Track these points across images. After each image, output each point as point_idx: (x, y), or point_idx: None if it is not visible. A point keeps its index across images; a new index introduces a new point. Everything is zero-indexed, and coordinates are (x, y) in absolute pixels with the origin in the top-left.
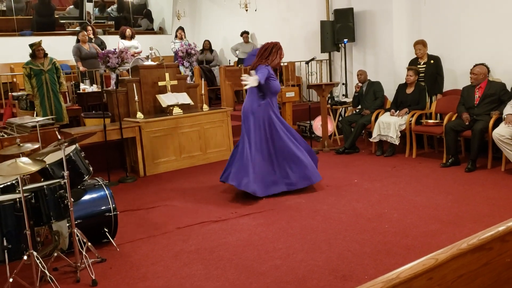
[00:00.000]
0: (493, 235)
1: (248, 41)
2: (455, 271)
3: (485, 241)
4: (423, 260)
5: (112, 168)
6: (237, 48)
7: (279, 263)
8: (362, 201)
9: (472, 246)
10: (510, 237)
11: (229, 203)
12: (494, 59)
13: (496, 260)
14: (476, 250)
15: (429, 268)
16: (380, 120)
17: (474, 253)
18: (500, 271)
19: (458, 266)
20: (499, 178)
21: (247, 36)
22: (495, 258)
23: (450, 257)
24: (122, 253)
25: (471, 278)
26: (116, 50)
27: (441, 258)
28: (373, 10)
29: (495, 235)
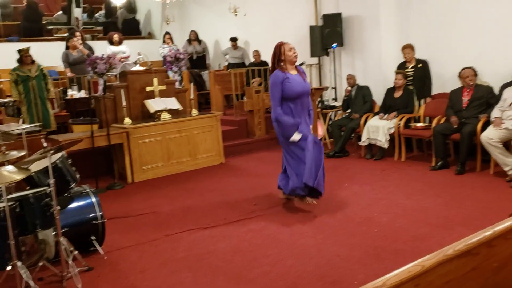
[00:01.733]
0: (479, 240)
1: (236, 48)
2: (442, 277)
3: (472, 247)
4: (409, 267)
5: (100, 175)
6: (226, 52)
7: (268, 269)
8: (352, 205)
9: (458, 251)
10: (497, 242)
11: (218, 209)
12: (482, 63)
13: (483, 265)
14: (463, 256)
15: (415, 275)
16: (369, 124)
17: (460, 259)
18: (488, 276)
19: (444, 272)
20: (488, 181)
21: (235, 44)
22: (482, 263)
23: (436, 263)
24: (110, 261)
25: (458, 284)
26: (104, 56)
27: (427, 264)
28: (361, 15)
29: (482, 240)
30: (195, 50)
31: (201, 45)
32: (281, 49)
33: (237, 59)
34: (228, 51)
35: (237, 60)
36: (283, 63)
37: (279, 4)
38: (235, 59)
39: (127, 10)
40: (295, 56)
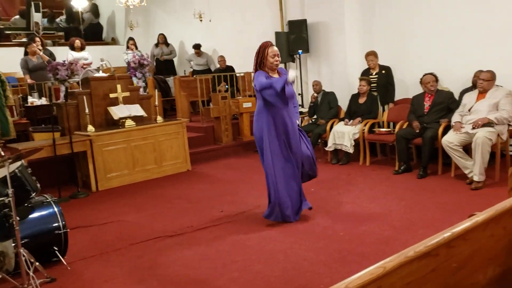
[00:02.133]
0: (438, 241)
1: (200, 55)
2: (403, 278)
3: (431, 248)
4: (371, 269)
5: (63, 184)
6: (190, 59)
7: (236, 275)
8: (318, 209)
9: (419, 253)
10: (456, 243)
11: (185, 217)
12: (442, 69)
13: (442, 266)
14: (423, 257)
15: (377, 277)
16: (334, 129)
17: (421, 260)
18: (447, 276)
19: (406, 273)
20: (448, 184)
21: (199, 51)
22: (441, 264)
23: (397, 265)
24: (73, 272)
25: (419, 284)
26: (65, 62)
27: (389, 266)
28: (326, 22)
29: (441, 242)
30: (162, 51)
31: (169, 48)
32: (264, 51)
33: (202, 66)
34: (192, 58)
35: (202, 67)
36: (264, 66)
37: (244, 10)
38: (200, 66)
39: (93, 14)
40: (276, 64)
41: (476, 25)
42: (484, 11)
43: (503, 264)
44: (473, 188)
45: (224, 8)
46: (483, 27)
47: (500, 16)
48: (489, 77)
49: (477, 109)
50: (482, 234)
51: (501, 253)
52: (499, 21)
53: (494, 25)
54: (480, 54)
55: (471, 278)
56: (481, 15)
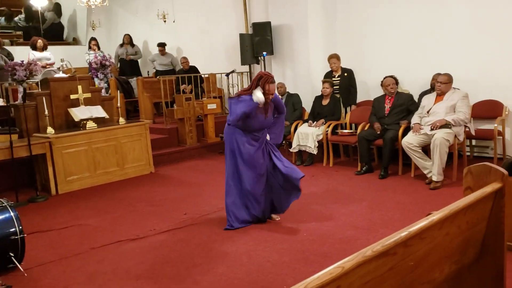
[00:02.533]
0: (396, 240)
1: (164, 53)
2: (362, 277)
3: (389, 247)
4: (330, 269)
5: (21, 187)
6: (154, 59)
7: (199, 278)
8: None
9: (376, 252)
10: (412, 242)
11: (148, 220)
12: (402, 72)
13: (400, 264)
14: (381, 256)
15: (336, 277)
16: (298, 131)
17: (379, 259)
18: (405, 274)
19: (364, 272)
20: (408, 184)
21: (163, 49)
22: (399, 262)
23: (356, 264)
24: (31, 278)
25: (378, 283)
26: (24, 62)
27: (347, 266)
28: (290, 25)
29: (398, 241)
30: (127, 51)
31: (134, 48)
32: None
33: (165, 66)
34: (156, 58)
35: (166, 67)
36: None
37: (209, 12)
38: (163, 66)
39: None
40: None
41: (434, 30)
42: (442, 17)
43: (458, 261)
44: (431, 187)
45: (189, 9)
46: (441, 32)
47: (456, 21)
48: (446, 80)
49: (435, 111)
50: (438, 233)
51: (456, 251)
52: (456, 26)
53: (451, 30)
54: (438, 58)
55: (428, 275)
56: (439, 21)
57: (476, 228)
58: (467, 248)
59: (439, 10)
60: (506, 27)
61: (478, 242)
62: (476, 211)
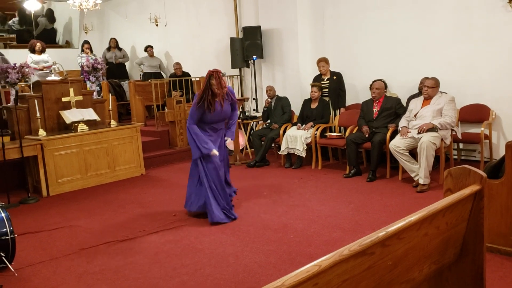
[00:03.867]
0: (373, 240)
1: (153, 55)
2: (339, 276)
3: (366, 247)
4: (308, 267)
5: (12, 189)
6: (142, 62)
7: (186, 279)
8: (270, 212)
9: (353, 252)
10: (390, 242)
11: (137, 221)
12: (390, 75)
13: (378, 264)
14: (358, 256)
15: (313, 275)
16: (287, 134)
17: (356, 258)
18: (383, 273)
19: (342, 271)
20: (396, 187)
21: (152, 50)
22: (377, 262)
23: (333, 263)
24: (21, 278)
25: (356, 282)
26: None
27: (324, 264)
28: (280, 29)
29: (375, 241)
30: (115, 55)
31: (121, 52)
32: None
33: (153, 68)
34: (144, 60)
35: (154, 69)
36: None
37: (200, 16)
38: (151, 68)
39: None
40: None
41: (422, 35)
42: (429, 22)
43: (438, 261)
44: (418, 190)
45: (180, 13)
46: (429, 36)
47: (443, 26)
48: (433, 84)
49: (422, 114)
50: (416, 233)
51: (435, 251)
52: (443, 31)
53: (439, 35)
54: (426, 62)
55: (407, 274)
56: (426, 25)
57: (455, 229)
58: (447, 249)
59: (426, 15)
60: (492, 31)
61: (458, 243)
62: (455, 213)
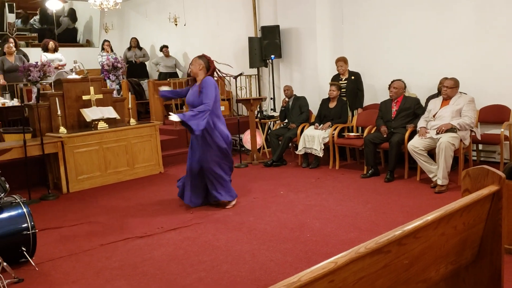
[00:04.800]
0: (389, 239)
1: (168, 55)
2: (355, 273)
3: (383, 245)
4: (324, 263)
5: (34, 185)
6: (158, 62)
7: (204, 275)
8: (287, 211)
9: (370, 249)
10: (407, 241)
11: (155, 218)
12: (409, 75)
13: (394, 263)
14: (375, 254)
15: (329, 271)
16: (305, 133)
17: (373, 256)
18: (399, 272)
19: (358, 269)
20: (413, 187)
21: (167, 50)
22: (393, 260)
23: (349, 260)
24: (41, 272)
25: (372, 279)
26: (38, 63)
27: (340, 261)
28: (298, 28)
29: (392, 239)
30: (135, 54)
31: (141, 51)
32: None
33: (169, 68)
34: (160, 60)
35: (170, 69)
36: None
37: (219, 15)
38: (167, 68)
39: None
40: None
41: (442, 34)
42: (449, 20)
43: (455, 261)
44: (436, 191)
45: (199, 13)
46: (449, 36)
47: (463, 26)
48: (453, 84)
49: (441, 115)
50: (433, 233)
51: (452, 251)
52: (463, 30)
53: (459, 34)
54: (445, 62)
55: (423, 274)
56: (446, 24)
57: (473, 230)
58: (464, 249)
59: (446, 14)
60: None
61: (475, 243)
62: (473, 213)
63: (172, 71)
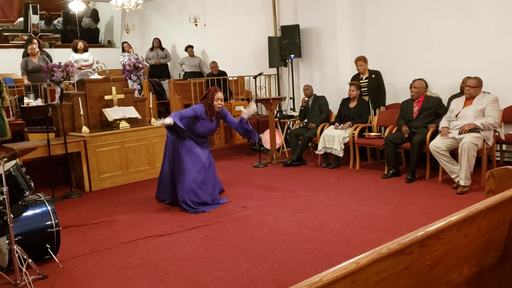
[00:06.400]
0: (412, 240)
1: (193, 55)
2: (377, 274)
3: (405, 246)
4: (345, 264)
5: (57, 184)
6: (183, 62)
7: (223, 274)
8: (307, 211)
9: (392, 250)
10: (429, 242)
11: (176, 217)
12: (431, 75)
13: (416, 264)
14: (397, 254)
15: (350, 272)
16: (325, 133)
17: (394, 257)
18: (421, 273)
19: (380, 269)
20: (435, 188)
21: (192, 50)
22: (415, 261)
23: (371, 261)
24: (65, 269)
25: (393, 281)
26: (61, 64)
27: (362, 262)
28: (318, 27)
29: (414, 240)
30: (157, 55)
31: (163, 51)
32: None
33: (194, 67)
34: (185, 60)
35: (194, 69)
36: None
37: (239, 15)
38: (192, 67)
39: (93, 20)
40: (218, 107)
41: (464, 32)
42: (472, 19)
43: (478, 263)
44: (459, 192)
45: (219, 13)
46: (472, 34)
47: (487, 23)
48: (476, 83)
49: (464, 115)
50: (456, 234)
51: (476, 253)
52: (487, 28)
53: (482, 33)
54: (468, 61)
55: (446, 276)
56: (469, 22)
57: (497, 231)
58: (488, 251)
59: (469, 12)
60: None
61: (499, 245)
62: (497, 214)
63: (196, 70)
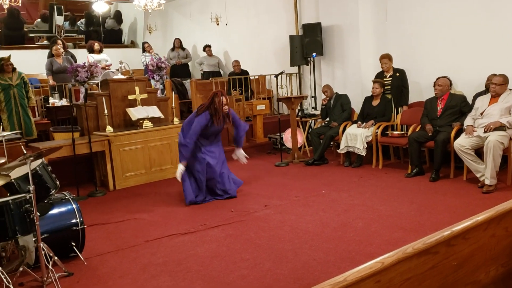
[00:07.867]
0: (437, 239)
1: (211, 54)
2: (402, 274)
3: (430, 245)
4: (370, 263)
5: (82, 182)
6: (201, 61)
7: (246, 273)
8: (329, 211)
9: (417, 250)
10: (455, 241)
11: (198, 215)
12: (455, 72)
13: (442, 264)
14: (422, 254)
15: (375, 272)
16: (347, 132)
17: (420, 257)
18: (447, 274)
19: (405, 269)
20: (460, 187)
21: (210, 50)
22: (441, 261)
23: (396, 260)
24: (90, 267)
25: (419, 281)
26: (85, 64)
27: (387, 262)
28: (341, 25)
29: (440, 240)
30: (178, 55)
31: (184, 52)
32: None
33: (212, 66)
34: (204, 60)
35: (213, 68)
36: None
37: (260, 14)
38: (210, 67)
39: (116, 21)
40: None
41: (490, 29)
42: (498, 16)
43: (506, 264)
44: (484, 191)
45: (240, 12)
46: (497, 31)
47: None
48: (502, 81)
49: (489, 113)
50: (483, 234)
51: (503, 253)
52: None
53: (508, 29)
54: (493, 58)
55: (472, 276)
56: (494, 19)
57: None
58: None
59: (494, 8)
60: None
61: None
62: None
63: (215, 70)
